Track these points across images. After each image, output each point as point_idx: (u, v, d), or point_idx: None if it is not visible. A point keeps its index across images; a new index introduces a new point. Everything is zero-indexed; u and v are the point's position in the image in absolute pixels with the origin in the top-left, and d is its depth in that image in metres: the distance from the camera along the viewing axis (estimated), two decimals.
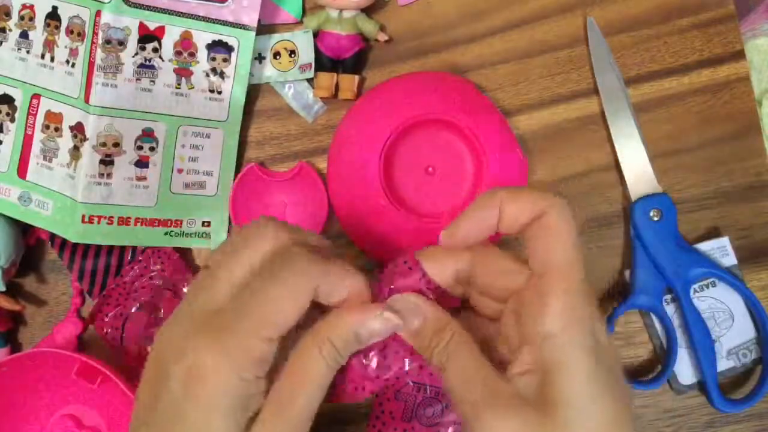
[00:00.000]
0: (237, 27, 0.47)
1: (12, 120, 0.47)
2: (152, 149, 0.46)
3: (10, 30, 0.46)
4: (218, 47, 0.47)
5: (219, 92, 0.47)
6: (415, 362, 0.32)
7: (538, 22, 0.49)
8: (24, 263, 0.48)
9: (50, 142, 0.46)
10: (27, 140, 0.47)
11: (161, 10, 0.45)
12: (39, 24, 0.46)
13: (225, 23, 0.47)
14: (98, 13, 0.44)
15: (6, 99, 0.47)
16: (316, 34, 0.48)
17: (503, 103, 0.49)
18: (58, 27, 0.45)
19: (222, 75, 0.47)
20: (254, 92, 0.49)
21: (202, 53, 0.47)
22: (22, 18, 0.46)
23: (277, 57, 0.48)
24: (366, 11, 0.48)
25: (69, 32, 0.45)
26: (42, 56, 0.46)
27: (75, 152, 0.45)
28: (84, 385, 0.44)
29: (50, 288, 0.49)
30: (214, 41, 0.47)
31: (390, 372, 0.32)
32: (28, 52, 0.46)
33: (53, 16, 0.45)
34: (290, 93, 0.49)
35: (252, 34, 0.47)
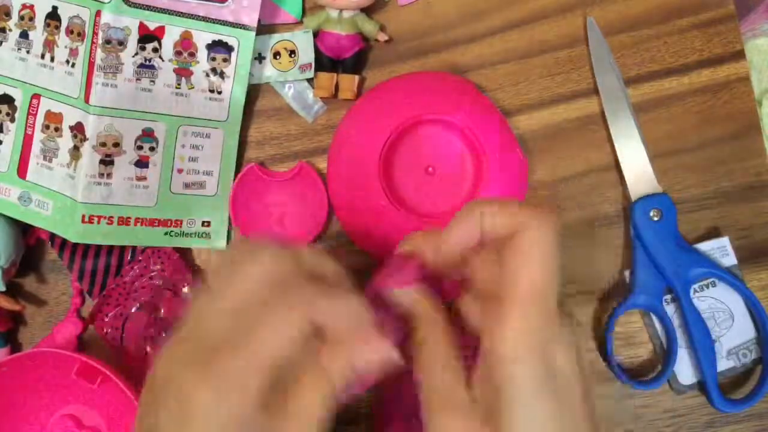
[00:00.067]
0: (237, 27, 0.47)
1: (12, 120, 0.47)
2: (152, 149, 0.46)
3: (10, 30, 0.46)
4: (218, 47, 0.47)
5: (219, 92, 0.47)
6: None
7: (538, 22, 0.49)
8: (24, 263, 0.48)
9: (50, 142, 0.46)
10: (27, 140, 0.47)
11: (161, 10, 0.45)
12: (39, 24, 0.46)
13: (225, 23, 0.47)
14: (98, 13, 0.44)
15: (6, 99, 0.47)
16: (316, 34, 0.48)
17: (503, 103, 0.49)
18: (58, 27, 0.45)
19: (222, 75, 0.47)
20: (254, 92, 0.49)
21: (202, 53, 0.47)
22: (22, 18, 0.46)
23: (277, 57, 0.48)
24: (366, 11, 0.48)
25: (69, 32, 0.45)
26: (42, 56, 0.46)
27: (75, 152, 0.45)
28: (84, 385, 0.44)
29: (50, 288, 0.49)
30: (214, 41, 0.47)
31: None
32: (28, 52, 0.46)
33: (53, 16, 0.45)
34: (290, 93, 0.49)
35: (252, 34, 0.47)
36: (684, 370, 0.46)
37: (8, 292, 0.47)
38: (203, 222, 0.48)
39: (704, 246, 0.47)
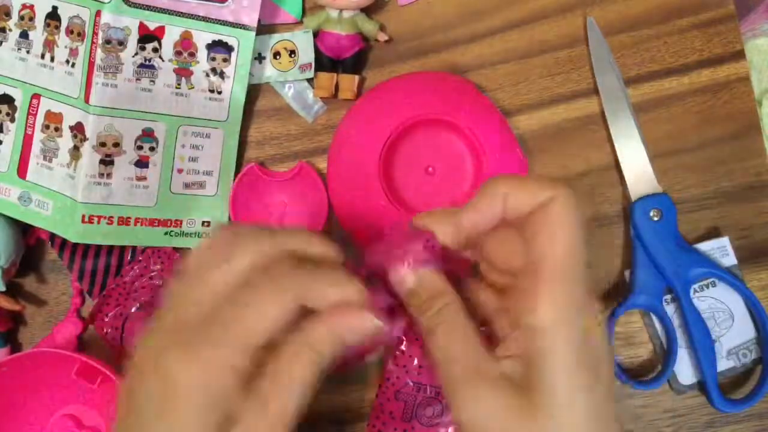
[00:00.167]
0: (237, 27, 0.47)
1: (12, 120, 0.47)
2: (152, 149, 0.46)
3: (10, 30, 0.46)
4: (218, 47, 0.47)
5: (219, 92, 0.47)
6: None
7: (538, 22, 0.49)
8: (24, 263, 0.48)
9: (50, 142, 0.46)
10: (27, 140, 0.47)
11: (161, 10, 0.45)
12: (39, 24, 0.46)
13: (225, 23, 0.47)
14: (98, 13, 0.44)
15: (6, 99, 0.47)
16: (316, 34, 0.48)
17: (503, 103, 0.49)
18: (58, 27, 0.45)
19: (222, 75, 0.47)
20: (254, 92, 0.49)
21: (202, 53, 0.47)
22: (22, 18, 0.46)
23: (277, 57, 0.48)
24: (366, 11, 0.48)
25: (69, 32, 0.45)
26: (42, 56, 0.46)
27: (75, 152, 0.45)
28: (84, 385, 0.44)
29: (50, 288, 0.49)
30: (214, 41, 0.47)
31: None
32: (28, 52, 0.46)
33: (53, 16, 0.45)
34: (290, 93, 0.49)
35: (252, 34, 0.47)
36: (684, 370, 0.46)
37: (8, 292, 0.47)
38: (203, 222, 0.48)
39: (704, 246, 0.47)
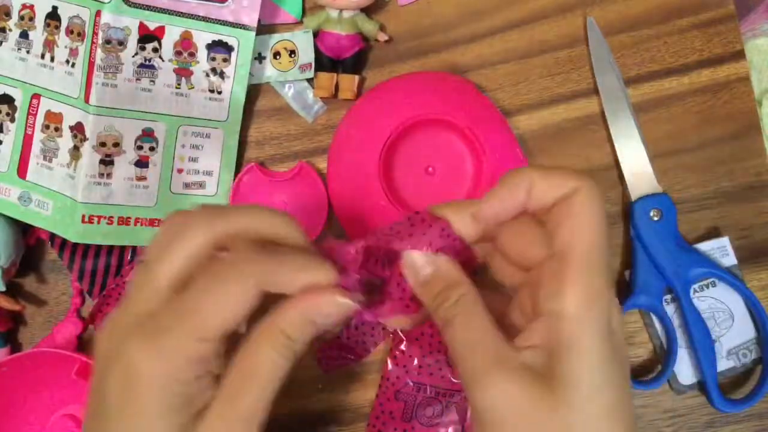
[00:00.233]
0: (237, 27, 0.47)
1: (12, 120, 0.47)
2: (152, 149, 0.46)
3: (10, 30, 0.46)
4: (218, 47, 0.47)
5: (219, 92, 0.47)
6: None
7: (538, 22, 0.49)
8: (24, 263, 0.48)
9: (50, 142, 0.46)
10: (27, 140, 0.47)
11: (161, 10, 0.45)
12: (39, 24, 0.46)
13: (225, 23, 0.47)
14: (98, 13, 0.44)
15: (6, 99, 0.47)
16: (316, 34, 0.48)
17: (503, 103, 0.49)
18: (58, 27, 0.45)
19: (222, 75, 0.47)
20: (254, 92, 0.49)
21: (202, 53, 0.47)
22: (22, 18, 0.46)
23: (277, 57, 0.48)
24: (366, 11, 0.48)
25: (69, 32, 0.45)
26: (42, 56, 0.46)
27: (75, 152, 0.45)
28: (84, 385, 0.44)
29: (50, 288, 0.49)
30: (214, 41, 0.47)
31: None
32: (28, 52, 0.46)
33: (53, 16, 0.45)
34: (290, 93, 0.49)
35: (252, 34, 0.47)
36: (684, 370, 0.46)
37: (8, 292, 0.47)
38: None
39: (704, 246, 0.47)
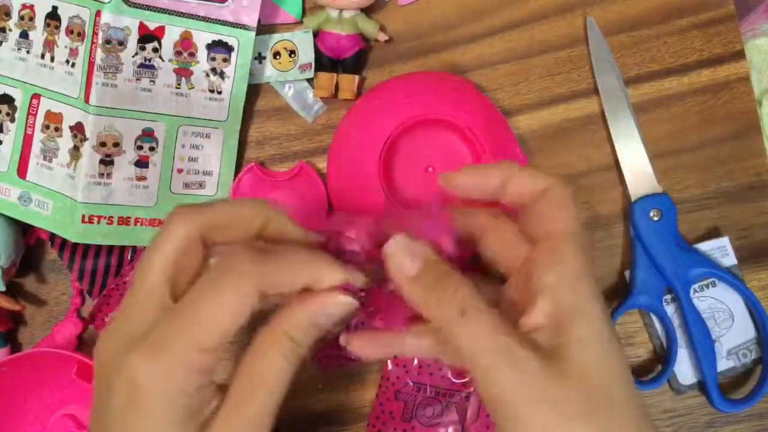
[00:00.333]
0: (237, 27, 0.47)
1: (12, 120, 0.47)
2: (152, 149, 0.46)
3: (10, 30, 0.46)
4: (218, 47, 0.47)
5: (219, 92, 0.47)
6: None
7: (538, 22, 0.49)
8: (24, 263, 0.48)
9: (50, 142, 0.46)
10: (27, 140, 0.47)
11: (161, 10, 0.45)
12: (39, 24, 0.46)
13: (225, 23, 0.47)
14: (98, 13, 0.44)
15: (6, 99, 0.47)
16: (316, 34, 0.48)
17: (503, 103, 0.49)
18: (58, 27, 0.45)
19: (222, 75, 0.47)
20: (254, 92, 0.49)
21: (202, 53, 0.47)
22: (22, 18, 0.46)
23: (277, 57, 0.48)
24: (366, 11, 0.48)
25: (69, 32, 0.45)
26: (42, 56, 0.46)
27: (75, 152, 0.45)
28: (84, 385, 0.44)
29: (50, 288, 0.49)
30: (214, 41, 0.47)
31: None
32: (28, 52, 0.46)
33: (53, 16, 0.45)
34: (290, 93, 0.49)
35: (252, 34, 0.47)
36: (684, 370, 0.46)
37: (8, 292, 0.47)
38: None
39: (704, 246, 0.47)
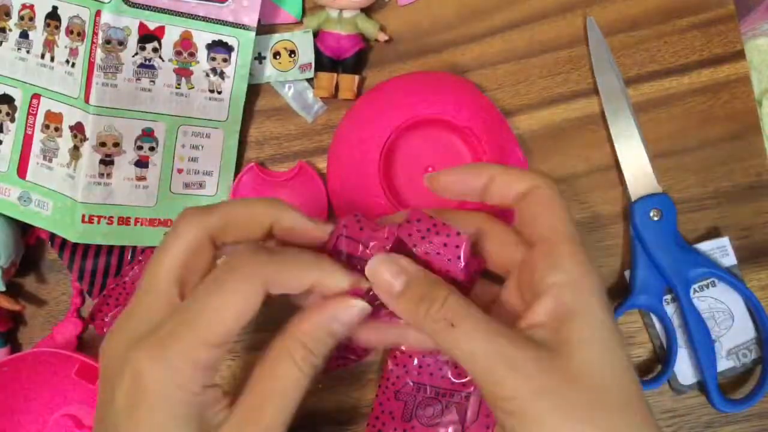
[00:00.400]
0: (237, 27, 0.47)
1: (12, 120, 0.47)
2: (152, 149, 0.46)
3: (10, 30, 0.46)
4: (218, 47, 0.47)
5: (219, 92, 0.47)
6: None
7: (538, 22, 0.49)
8: (24, 263, 0.48)
9: (50, 142, 0.46)
10: (27, 140, 0.47)
11: (161, 10, 0.45)
12: (39, 24, 0.46)
13: (225, 23, 0.47)
14: (98, 13, 0.44)
15: (6, 99, 0.47)
16: (316, 34, 0.48)
17: (503, 103, 0.49)
18: (58, 27, 0.45)
19: (222, 75, 0.47)
20: (254, 92, 0.49)
21: (202, 53, 0.47)
22: (22, 18, 0.46)
23: (277, 57, 0.48)
24: (366, 11, 0.48)
25: (69, 32, 0.45)
26: (42, 56, 0.46)
27: (75, 152, 0.45)
28: (84, 385, 0.44)
29: (50, 288, 0.49)
30: (214, 41, 0.47)
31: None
32: (28, 52, 0.46)
33: (53, 16, 0.45)
34: (290, 93, 0.49)
35: (252, 34, 0.47)
36: (684, 370, 0.46)
37: (8, 292, 0.47)
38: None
39: (704, 246, 0.47)
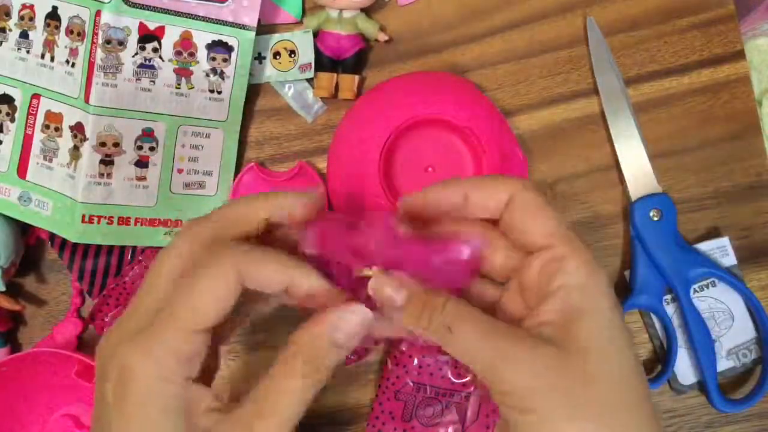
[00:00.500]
0: (237, 27, 0.47)
1: (12, 120, 0.47)
2: (152, 149, 0.46)
3: (10, 30, 0.46)
4: (218, 47, 0.47)
5: (219, 92, 0.47)
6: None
7: (538, 22, 0.49)
8: (24, 263, 0.48)
9: (50, 142, 0.46)
10: (27, 140, 0.47)
11: (161, 10, 0.45)
12: (39, 24, 0.46)
13: (225, 23, 0.47)
14: (98, 13, 0.44)
15: (6, 99, 0.47)
16: (316, 34, 0.48)
17: (503, 103, 0.49)
18: (58, 27, 0.45)
19: (222, 75, 0.47)
20: (254, 92, 0.49)
21: (202, 53, 0.47)
22: (22, 18, 0.46)
23: (277, 57, 0.48)
24: (366, 11, 0.48)
25: (69, 32, 0.45)
26: (42, 56, 0.46)
27: (75, 152, 0.45)
28: (84, 385, 0.44)
29: (50, 288, 0.49)
30: (214, 41, 0.47)
31: None
32: (28, 52, 0.46)
33: (53, 16, 0.45)
34: (290, 93, 0.49)
35: (252, 34, 0.47)
36: (684, 370, 0.46)
37: (8, 292, 0.47)
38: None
39: (704, 246, 0.47)
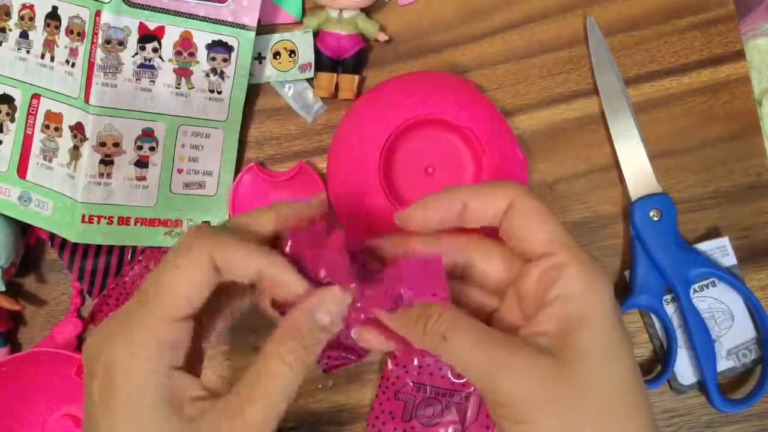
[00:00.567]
0: (237, 27, 0.47)
1: (12, 120, 0.47)
2: (152, 149, 0.46)
3: (10, 30, 0.46)
4: (218, 47, 0.47)
5: (219, 92, 0.47)
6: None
7: (538, 22, 0.49)
8: (24, 263, 0.48)
9: (50, 142, 0.46)
10: (27, 140, 0.47)
11: (161, 10, 0.45)
12: (39, 24, 0.46)
13: (225, 23, 0.47)
14: (98, 13, 0.44)
15: (6, 99, 0.47)
16: (316, 34, 0.48)
17: (503, 103, 0.49)
18: (58, 27, 0.45)
19: (222, 75, 0.47)
20: (254, 92, 0.49)
21: (202, 53, 0.47)
22: (22, 18, 0.46)
23: (277, 57, 0.48)
24: (366, 11, 0.48)
25: (69, 32, 0.45)
26: (42, 56, 0.46)
27: (75, 152, 0.45)
28: (84, 385, 0.44)
29: (50, 288, 0.49)
30: (214, 41, 0.47)
31: None
32: (28, 52, 0.46)
33: (53, 16, 0.45)
34: (290, 93, 0.49)
35: (252, 34, 0.47)
36: (684, 370, 0.46)
37: (8, 292, 0.47)
38: (203, 222, 0.48)
39: (704, 246, 0.47)
